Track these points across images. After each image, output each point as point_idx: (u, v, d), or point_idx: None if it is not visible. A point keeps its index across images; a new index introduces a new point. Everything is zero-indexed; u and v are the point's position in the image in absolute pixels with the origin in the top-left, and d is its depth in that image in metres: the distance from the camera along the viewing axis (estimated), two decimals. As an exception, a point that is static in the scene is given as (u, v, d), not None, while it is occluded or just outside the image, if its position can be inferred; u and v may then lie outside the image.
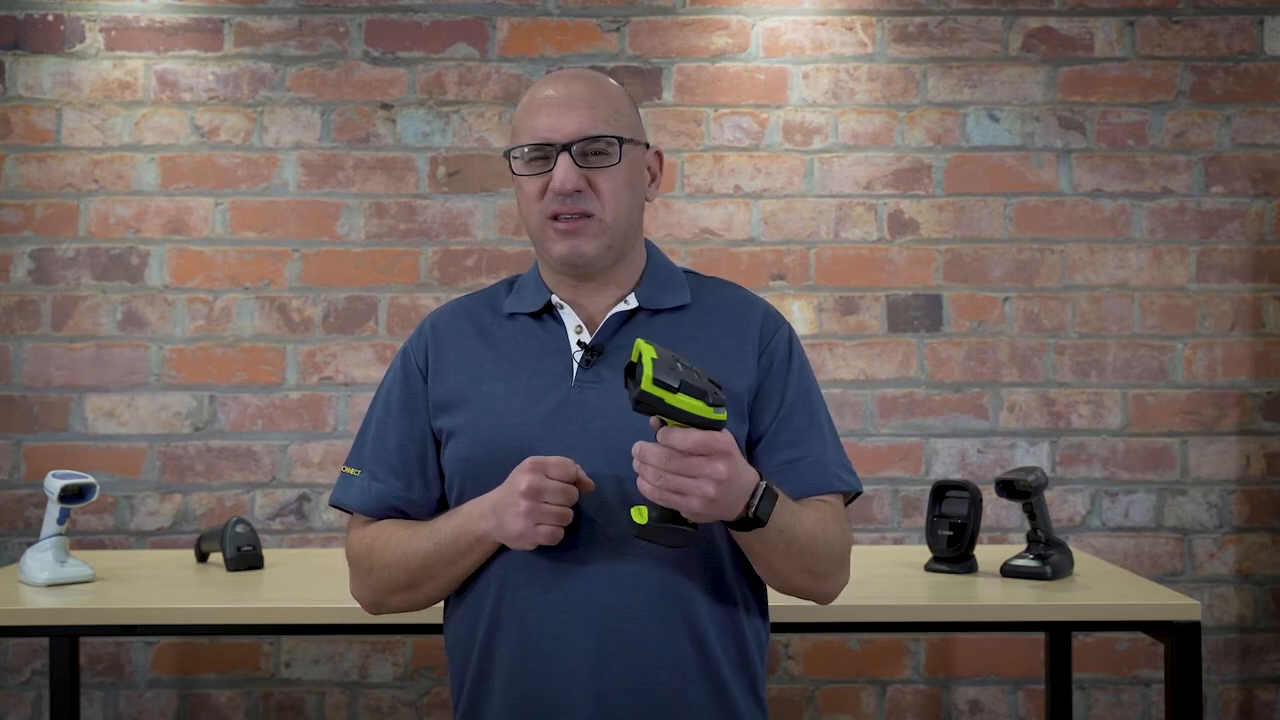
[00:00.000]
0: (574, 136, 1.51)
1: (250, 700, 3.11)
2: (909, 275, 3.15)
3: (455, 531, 1.48)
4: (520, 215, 1.61)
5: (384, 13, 3.16)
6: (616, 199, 1.53)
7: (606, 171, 1.52)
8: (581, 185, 1.51)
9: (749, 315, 1.60)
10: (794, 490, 1.51)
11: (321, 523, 3.12)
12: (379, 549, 1.55)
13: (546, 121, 1.52)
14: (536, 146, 1.52)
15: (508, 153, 1.56)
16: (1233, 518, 3.15)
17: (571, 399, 1.51)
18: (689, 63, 3.16)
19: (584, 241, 1.52)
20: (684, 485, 1.32)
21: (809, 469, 1.55)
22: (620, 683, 1.44)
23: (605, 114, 1.53)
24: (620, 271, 1.58)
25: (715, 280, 1.67)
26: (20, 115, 3.14)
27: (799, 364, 1.60)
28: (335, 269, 3.14)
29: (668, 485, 1.32)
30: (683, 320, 1.57)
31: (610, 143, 1.53)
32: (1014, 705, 3.13)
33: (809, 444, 1.56)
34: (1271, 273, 3.16)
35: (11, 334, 3.12)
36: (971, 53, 3.17)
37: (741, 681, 1.52)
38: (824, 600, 1.58)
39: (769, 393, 1.56)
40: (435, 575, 1.51)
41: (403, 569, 1.52)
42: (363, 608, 1.62)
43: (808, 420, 1.57)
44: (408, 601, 1.57)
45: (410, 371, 1.60)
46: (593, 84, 1.56)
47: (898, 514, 3.13)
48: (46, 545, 2.38)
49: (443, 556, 1.49)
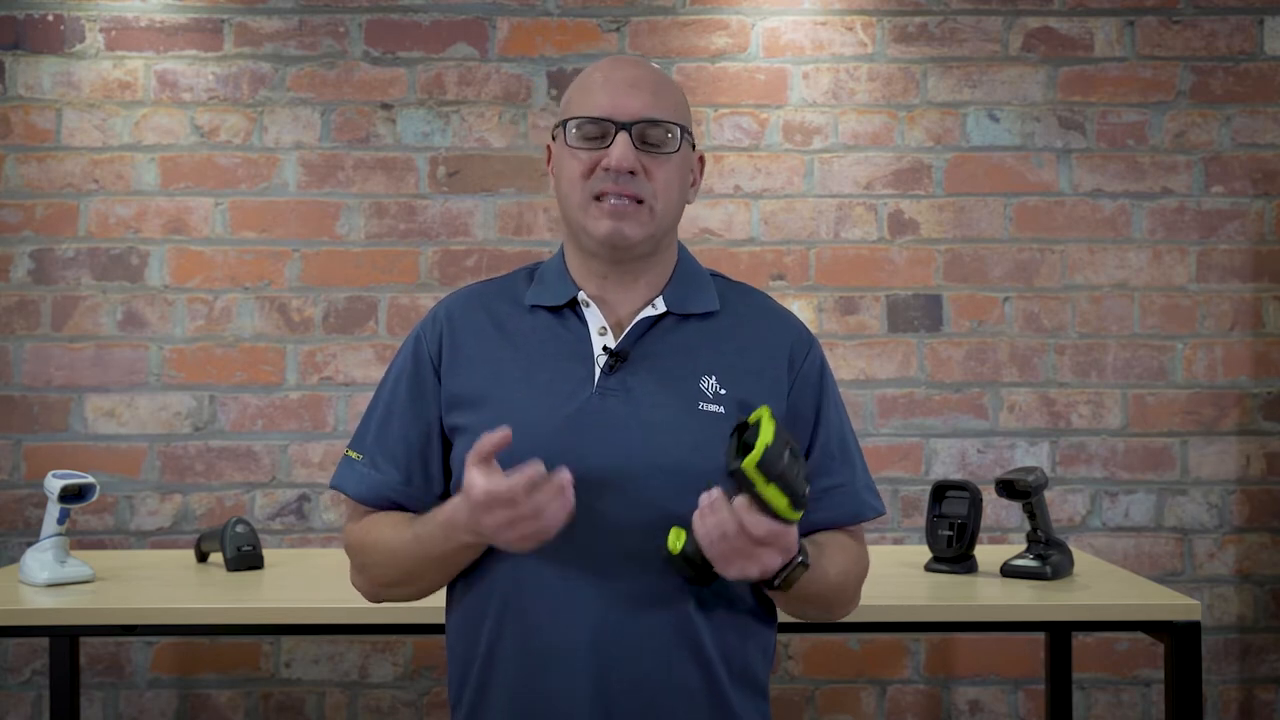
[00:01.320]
0: (637, 117, 1.47)
1: (250, 700, 3.11)
2: (909, 275, 3.15)
3: (440, 539, 1.45)
4: (558, 191, 1.54)
5: (384, 13, 3.16)
6: (669, 189, 1.50)
7: (664, 159, 1.49)
8: (637, 168, 1.47)
9: (781, 332, 1.57)
10: (826, 519, 1.53)
11: (321, 523, 3.12)
12: (369, 546, 1.54)
13: (608, 99, 1.48)
14: (594, 122, 1.48)
15: (561, 124, 1.51)
16: (1233, 518, 3.15)
17: (592, 406, 1.47)
18: (689, 63, 3.16)
19: (629, 225, 1.47)
20: (736, 557, 1.33)
21: (842, 498, 1.56)
22: (621, 698, 1.43)
23: (669, 103, 1.51)
24: (653, 267, 1.54)
25: (744, 287, 1.63)
26: (20, 115, 3.14)
27: (831, 388, 1.59)
28: (335, 269, 3.14)
29: (722, 548, 1.33)
30: (711, 328, 1.54)
31: (671, 130, 1.50)
32: (1014, 705, 3.13)
33: (843, 472, 1.56)
34: (1271, 273, 3.16)
35: (11, 334, 3.12)
36: (971, 53, 3.17)
37: (745, 693, 1.51)
38: (835, 620, 1.64)
39: (802, 416, 1.54)
40: (426, 575, 1.51)
41: (392, 567, 1.51)
42: (363, 597, 1.62)
43: (840, 447, 1.57)
44: (404, 595, 1.56)
45: (422, 360, 1.56)
46: (658, 73, 1.54)
47: (898, 514, 3.13)
48: (46, 545, 2.38)
49: (430, 560, 1.48)
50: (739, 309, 1.58)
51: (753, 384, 1.48)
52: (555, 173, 1.55)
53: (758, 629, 1.53)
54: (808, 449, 1.54)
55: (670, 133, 1.49)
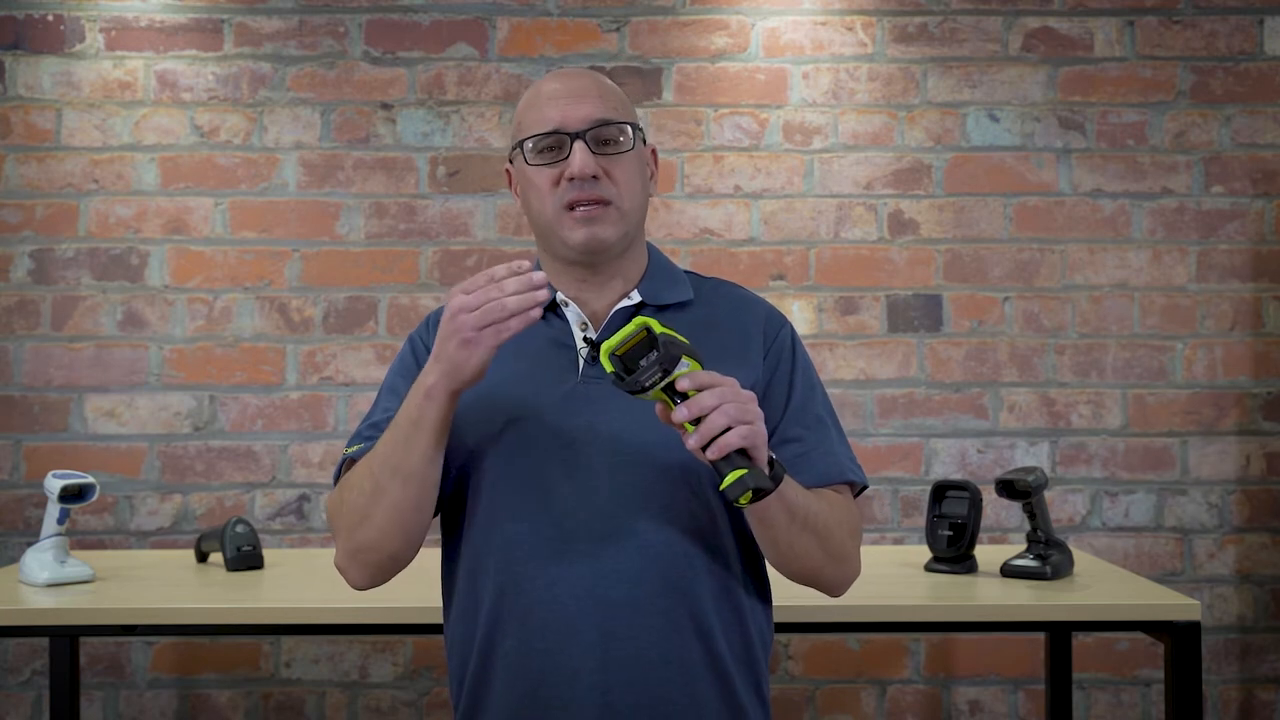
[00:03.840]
0: (588, 123, 1.51)
1: (250, 700, 3.11)
2: (909, 275, 3.16)
3: (405, 404, 1.43)
4: (527, 210, 1.58)
5: (384, 13, 3.16)
6: (630, 185, 1.54)
7: (621, 158, 1.53)
8: (599, 172, 1.50)
9: (752, 313, 1.62)
10: (806, 480, 1.51)
11: (321, 523, 3.12)
12: (348, 482, 1.51)
13: (557, 112, 1.52)
14: (548, 135, 1.51)
15: (517, 145, 1.55)
16: (1233, 518, 3.15)
17: (577, 393, 1.50)
18: (689, 63, 3.16)
19: (603, 228, 1.51)
20: (753, 412, 1.32)
21: (820, 459, 1.56)
22: (626, 677, 1.44)
23: (614, 103, 1.55)
24: (626, 265, 1.59)
25: (715, 280, 1.68)
26: (20, 115, 3.14)
27: (803, 362, 1.62)
28: (335, 269, 3.14)
29: (743, 416, 1.30)
30: (686, 317, 1.57)
31: (622, 129, 1.54)
32: (1014, 705, 3.13)
33: (817, 437, 1.57)
34: (1271, 273, 3.16)
35: (11, 334, 3.12)
36: (971, 53, 3.17)
37: (746, 677, 1.52)
38: (836, 590, 1.57)
39: (776, 389, 1.57)
40: (398, 467, 1.42)
41: (368, 477, 1.45)
42: (345, 576, 1.54)
43: (815, 417, 1.59)
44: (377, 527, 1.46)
45: (420, 355, 1.59)
46: (596, 78, 1.58)
47: (898, 514, 3.13)
48: (46, 545, 2.38)
49: (399, 436, 1.42)
50: (712, 298, 1.63)
51: (729, 363, 1.49)
52: (521, 193, 1.58)
53: (755, 608, 1.55)
54: (779, 420, 1.56)
55: (622, 132, 1.54)
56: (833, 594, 1.58)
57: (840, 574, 1.55)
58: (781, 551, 1.48)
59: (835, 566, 1.53)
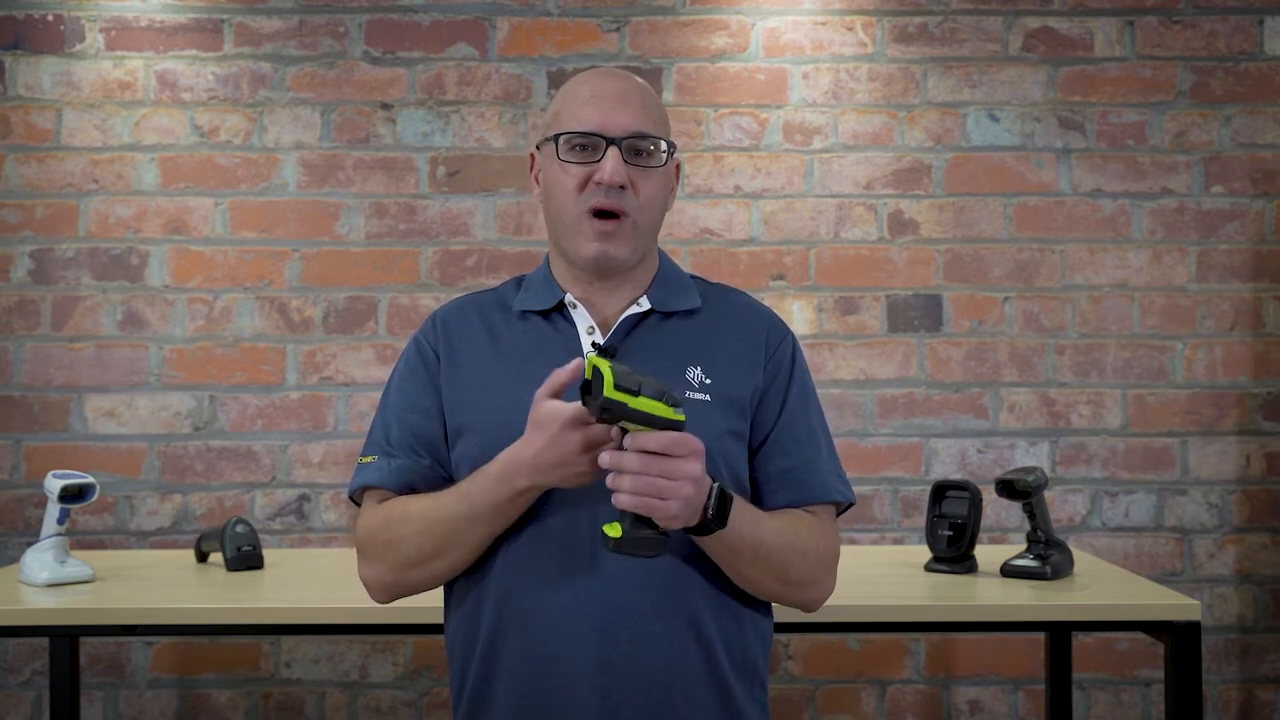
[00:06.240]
0: (626, 132, 1.51)
1: (250, 700, 3.11)
2: (909, 275, 3.16)
3: (486, 488, 1.44)
4: (546, 201, 1.58)
5: (384, 13, 3.16)
6: (651, 201, 1.54)
7: (650, 173, 1.53)
8: (626, 182, 1.50)
9: (756, 322, 1.62)
10: (788, 498, 1.53)
11: (321, 523, 3.13)
12: (397, 521, 1.51)
13: (598, 114, 1.51)
14: (586, 135, 1.51)
15: (554, 137, 1.54)
16: (1233, 518, 3.15)
17: None
18: (689, 63, 3.16)
19: (616, 246, 1.52)
20: (663, 488, 1.31)
21: (805, 478, 1.56)
22: (626, 682, 1.45)
23: (654, 116, 1.55)
24: (637, 272, 1.59)
25: (721, 286, 1.69)
26: (20, 115, 3.14)
27: (801, 375, 1.62)
28: (335, 269, 3.14)
29: (648, 490, 1.31)
30: (693, 324, 1.58)
31: (657, 144, 1.54)
32: (1014, 705, 3.13)
33: (805, 453, 1.57)
34: (1271, 273, 3.16)
35: (11, 334, 3.12)
36: (971, 53, 3.17)
37: (745, 683, 1.53)
38: (806, 608, 1.59)
39: (771, 398, 1.57)
40: (464, 540, 1.47)
41: (428, 536, 1.48)
42: (372, 594, 1.57)
43: (806, 430, 1.59)
44: (429, 574, 1.52)
45: (426, 356, 1.59)
46: (642, 88, 1.57)
47: (898, 514, 3.14)
48: (46, 545, 2.38)
49: (476, 517, 1.45)
50: (719, 305, 1.63)
51: (734, 372, 1.50)
52: (543, 182, 1.58)
53: (755, 616, 1.55)
54: (770, 430, 1.56)
55: (657, 147, 1.54)
56: (804, 610, 1.60)
57: (803, 598, 1.56)
58: (735, 578, 1.50)
59: (796, 592, 1.54)
